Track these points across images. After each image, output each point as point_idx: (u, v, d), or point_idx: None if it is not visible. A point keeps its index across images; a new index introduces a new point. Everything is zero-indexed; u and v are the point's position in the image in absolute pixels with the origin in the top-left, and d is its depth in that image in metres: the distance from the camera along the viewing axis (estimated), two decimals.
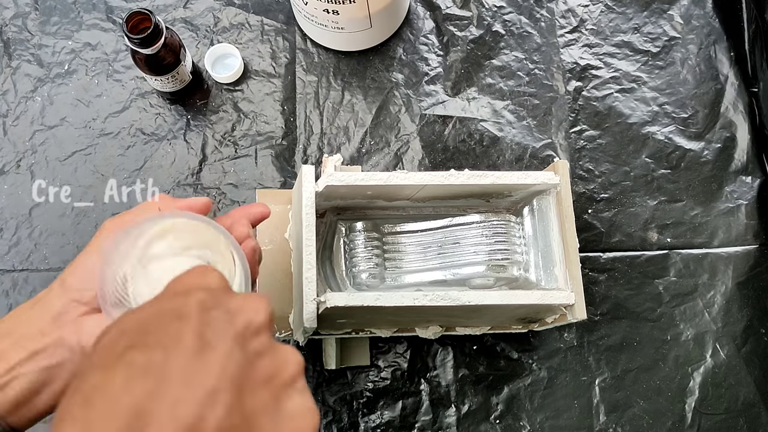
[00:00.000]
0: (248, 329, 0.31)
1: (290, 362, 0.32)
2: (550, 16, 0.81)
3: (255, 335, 0.31)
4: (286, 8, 0.79)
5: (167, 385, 0.27)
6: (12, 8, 0.77)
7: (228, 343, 0.30)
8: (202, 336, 0.29)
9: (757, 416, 0.70)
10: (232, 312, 0.31)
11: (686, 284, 0.73)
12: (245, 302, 0.33)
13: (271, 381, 0.31)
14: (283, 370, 0.32)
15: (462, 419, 0.68)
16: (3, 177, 0.72)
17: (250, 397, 0.29)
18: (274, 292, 0.64)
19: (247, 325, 0.31)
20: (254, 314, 0.32)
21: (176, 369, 0.28)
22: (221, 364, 0.29)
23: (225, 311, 0.31)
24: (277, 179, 0.73)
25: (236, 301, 0.32)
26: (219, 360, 0.29)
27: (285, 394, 0.31)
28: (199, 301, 0.31)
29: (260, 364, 0.31)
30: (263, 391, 0.30)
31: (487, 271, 0.60)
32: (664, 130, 0.77)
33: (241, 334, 0.31)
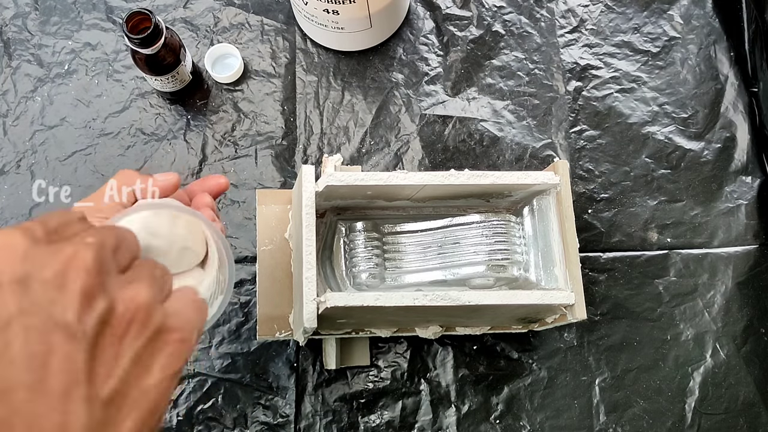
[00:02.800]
0: (82, 297, 0.28)
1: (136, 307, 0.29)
2: (550, 16, 0.81)
3: (90, 301, 0.28)
4: (286, 8, 0.79)
5: (13, 407, 0.25)
6: (12, 8, 0.77)
7: (61, 333, 0.27)
8: (31, 337, 0.26)
9: (757, 416, 0.70)
10: (56, 280, 0.27)
11: (686, 284, 0.73)
12: (67, 261, 0.28)
13: (123, 339, 0.28)
14: (132, 321, 0.29)
15: (462, 419, 0.68)
16: (3, 177, 0.72)
17: (107, 373, 0.28)
18: (274, 292, 0.64)
19: (79, 293, 0.28)
20: (79, 273, 0.28)
21: (17, 383, 0.25)
22: (62, 361, 0.26)
23: (48, 286, 0.27)
24: (277, 179, 0.73)
25: (56, 264, 0.28)
26: (59, 357, 0.26)
27: (142, 343, 0.29)
28: (12, 289, 0.27)
29: (106, 330, 0.28)
30: (120, 356, 0.28)
31: (487, 271, 0.60)
32: (664, 130, 0.77)
33: (73, 311, 0.27)
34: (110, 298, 0.29)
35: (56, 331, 0.27)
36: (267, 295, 0.64)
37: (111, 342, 0.28)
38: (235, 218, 0.72)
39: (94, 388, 0.27)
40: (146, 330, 0.29)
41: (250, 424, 0.67)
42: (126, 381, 0.28)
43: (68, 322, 0.27)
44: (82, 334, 0.27)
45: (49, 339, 0.26)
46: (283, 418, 0.67)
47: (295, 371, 0.68)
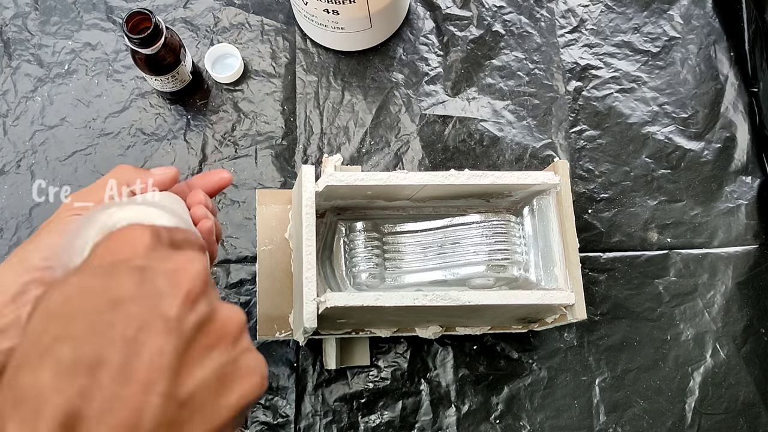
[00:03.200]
0: (186, 302, 0.29)
1: (231, 324, 0.31)
2: (550, 16, 0.81)
3: (193, 306, 0.29)
4: (286, 8, 0.79)
5: (98, 383, 0.26)
6: (12, 8, 0.77)
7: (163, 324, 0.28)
8: (135, 321, 0.27)
9: (757, 416, 0.70)
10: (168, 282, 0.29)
11: (686, 284, 0.73)
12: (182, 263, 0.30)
13: (213, 350, 0.30)
14: (225, 335, 0.30)
15: (462, 419, 0.68)
16: (3, 177, 0.72)
17: (190, 377, 0.28)
18: (274, 292, 0.64)
19: (185, 297, 0.29)
20: (192, 278, 0.30)
21: (108, 363, 0.26)
22: (155, 352, 0.27)
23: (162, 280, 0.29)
24: (277, 179, 0.73)
25: (174, 262, 0.30)
26: (153, 347, 0.27)
27: (228, 360, 0.30)
28: (130, 274, 0.29)
29: (200, 336, 0.29)
30: (204, 366, 0.29)
31: (487, 271, 0.60)
32: (664, 130, 0.77)
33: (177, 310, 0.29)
34: (212, 307, 0.31)
35: (157, 322, 0.28)
36: (267, 295, 0.64)
37: (202, 348, 0.29)
38: (235, 218, 0.72)
39: (174, 387, 0.27)
40: (235, 350, 0.31)
41: (250, 424, 0.67)
42: (205, 391, 0.29)
43: (169, 316, 0.28)
44: (179, 332, 0.28)
45: (148, 328, 0.28)
46: (283, 418, 0.67)
47: (295, 371, 0.68)
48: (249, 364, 0.31)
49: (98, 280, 0.29)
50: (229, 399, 0.30)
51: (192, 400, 0.28)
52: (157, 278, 0.29)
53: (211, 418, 0.29)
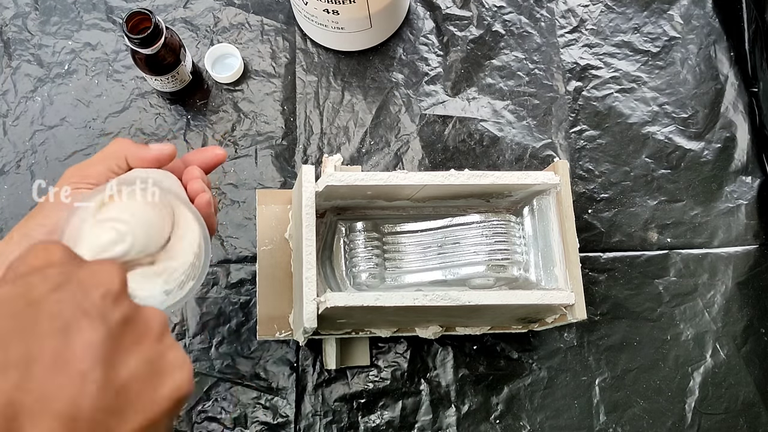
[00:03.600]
0: (106, 298, 0.30)
1: (154, 321, 0.32)
2: (550, 16, 0.81)
3: (114, 303, 0.30)
4: (286, 8, 0.79)
5: (33, 377, 0.27)
6: (12, 8, 0.77)
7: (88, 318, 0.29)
8: (59, 317, 0.28)
9: (757, 416, 0.70)
10: (85, 283, 0.30)
11: (686, 284, 0.73)
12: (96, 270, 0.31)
13: (139, 345, 0.30)
14: (149, 331, 0.31)
15: (462, 419, 0.68)
16: (3, 177, 0.72)
17: (122, 367, 0.29)
18: (274, 292, 0.64)
19: (104, 294, 0.30)
20: (109, 281, 0.31)
21: (39, 358, 0.27)
22: (85, 343, 0.28)
23: (77, 284, 0.30)
24: (277, 179, 0.73)
25: (86, 271, 0.31)
26: (82, 339, 0.28)
27: (156, 354, 0.31)
28: (46, 279, 0.30)
29: (125, 331, 0.30)
30: (134, 358, 0.30)
31: (487, 271, 0.60)
32: (664, 130, 0.77)
33: (100, 306, 0.30)
34: (133, 305, 0.32)
35: (81, 316, 0.29)
36: (267, 295, 0.64)
37: (129, 341, 0.30)
38: (235, 218, 0.72)
39: (109, 376, 0.28)
40: (161, 345, 0.32)
41: (250, 424, 0.67)
42: (139, 381, 0.30)
43: (93, 310, 0.29)
44: (105, 324, 0.29)
45: (74, 322, 0.28)
46: (283, 418, 0.67)
47: (295, 371, 0.68)
48: (177, 359, 0.32)
49: (16, 287, 0.30)
50: (163, 390, 0.30)
51: (127, 389, 0.29)
52: (74, 279, 0.30)
53: (148, 407, 0.30)
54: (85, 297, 0.30)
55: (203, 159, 0.51)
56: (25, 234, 0.42)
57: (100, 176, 0.45)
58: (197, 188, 0.47)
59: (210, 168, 0.51)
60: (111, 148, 0.46)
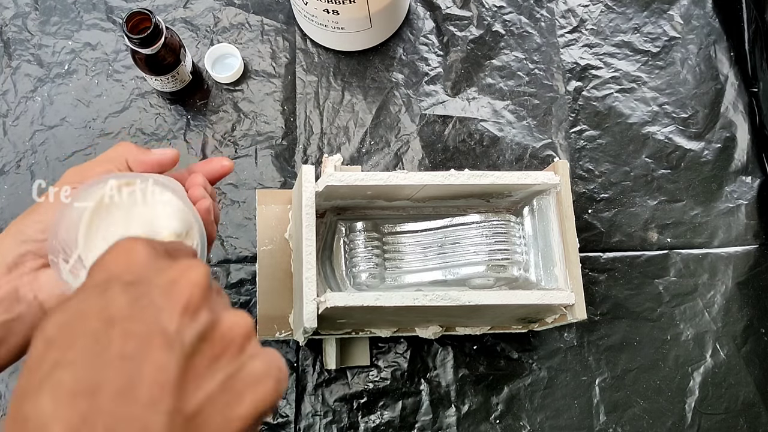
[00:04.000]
0: (186, 312, 0.28)
1: (236, 331, 0.30)
2: (550, 16, 0.81)
3: (193, 317, 0.28)
4: (286, 8, 0.79)
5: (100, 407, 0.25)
6: (12, 8, 0.77)
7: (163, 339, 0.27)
8: (133, 337, 0.27)
9: (757, 416, 0.70)
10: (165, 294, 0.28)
11: (686, 284, 0.73)
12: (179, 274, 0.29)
13: (218, 362, 0.29)
14: (230, 344, 0.29)
15: (462, 419, 0.68)
16: (3, 177, 0.72)
17: (196, 391, 0.27)
18: (274, 292, 0.64)
19: (184, 307, 0.28)
20: (190, 289, 0.29)
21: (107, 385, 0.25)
22: (157, 368, 0.26)
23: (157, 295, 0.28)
24: (277, 179, 0.73)
25: (170, 273, 0.29)
26: (154, 363, 0.26)
27: (234, 369, 0.29)
28: (125, 290, 0.28)
29: (202, 348, 0.28)
30: (209, 379, 0.28)
31: (487, 271, 0.60)
32: (664, 130, 0.77)
33: (177, 323, 0.28)
34: (215, 315, 0.29)
35: (156, 337, 0.27)
36: (267, 295, 0.64)
37: (206, 360, 0.28)
38: (235, 218, 0.72)
39: (179, 403, 0.27)
40: (243, 356, 0.30)
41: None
42: (213, 404, 0.28)
43: (169, 330, 0.27)
44: (180, 345, 0.27)
45: (147, 345, 0.27)
46: (283, 418, 0.67)
47: (295, 371, 0.68)
48: (259, 370, 0.30)
49: (93, 300, 0.28)
50: (241, 409, 0.28)
51: (200, 415, 0.27)
52: (152, 292, 0.28)
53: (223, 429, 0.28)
54: (162, 312, 0.28)
55: (209, 170, 0.50)
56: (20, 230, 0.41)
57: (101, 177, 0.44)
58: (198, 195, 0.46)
59: (215, 179, 0.50)
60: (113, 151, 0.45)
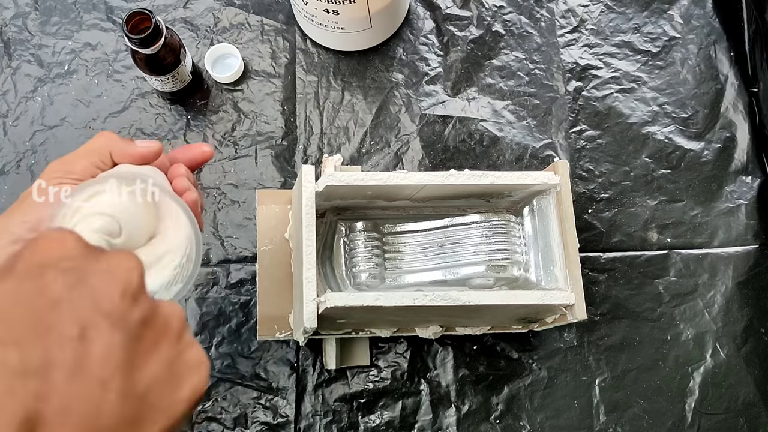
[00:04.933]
0: (125, 297, 0.29)
1: (173, 319, 0.31)
2: (550, 16, 0.81)
3: (133, 302, 0.29)
4: (286, 8, 0.79)
5: (53, 385, 0.25)
6: (12, 8, 0.77)
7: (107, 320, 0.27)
8: (78, 319, 0.27)
9: (757, 416, 0.70)
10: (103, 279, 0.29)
11: (686, 284, 0.73)
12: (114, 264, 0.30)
13: (159, 346, 0.29)
14: (168, 330, 0.30)
15: (462, 419, 0.68)
16: (3, 177, 0.72)
17: (142, 372, 0.28)
18: (274, 292, 0.64)
19: (123, 292, 0.29)
20: (127, 276, 0.29)
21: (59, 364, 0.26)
22: (105, 348, 0.27)
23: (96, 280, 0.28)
24: (277, 179, 0.73)
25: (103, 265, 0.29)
26: (102, 343, 0.27)
27: (175, 355, 0.30)
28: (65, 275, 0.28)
29: (144, 332, 0.29)
30: (153, 362, 0.29)
31: (487, 271, 0.60)
32: (664, 130, 0.77)
33: (119, 306, 0.28)
34: (152, 302, 0.30)
35: (100, 319, 0.27)
36: (267, 295, 0.64)
37: (149, 343, 0.29)
38: (235, 218, 0.72)
39: (130, 383, 0.27)
40: (180, 344, 0.31)
41: (250, 424, 0.67)
42: (159, 385, 0.29)
43: (113, 312, 0.28)
44: (125, 327, 0.28)
45: (93, 326, 0.27)
46: (283, 418, 0.67)
47: (295, 371, 0.68)
48: (195, 358, 0.31)
49: (30, 282, 0.28)
50: (183, 392, 0.30)
51: (148, 395, 0.28)
52: (90, 278, 0.29)
53: (169, 411, 0.29)
54: (103, 296, 0.28)
55: (190, 156, 0.49)
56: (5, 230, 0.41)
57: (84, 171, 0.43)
58: (182, 186, 0.45)
59: (196, 165, 0.50)
60: (96, 142, 0.44)
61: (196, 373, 0.30)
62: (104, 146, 0.44)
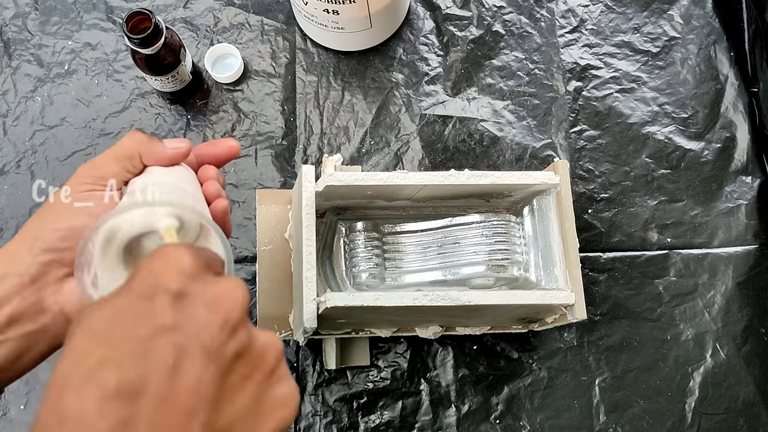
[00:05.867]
0: (225, 329, 0.29)
1: (269, 353, 0.31)
2: (550, 16, 0.81)
3: (232, 334, 0.29)
4: (286, 8, 0.79)
5: (141, 410, 0.26)
6: (12, 8, 0.77)
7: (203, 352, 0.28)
8: (176, 347, 0.27)
9: (757, 416, 0.70)
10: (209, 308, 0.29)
11: (686, 284, 0.73)
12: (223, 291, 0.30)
13: (250, 380, 0.30)
14: (262, 364, 0.30)
15: (462, 419, 0.68)
16: (3, 177, 0.72)
17: (228, 406, 0.28)
18: (274, 292, 0.64)
19: (223, 324, 0.29)
20: (231, 307, 0.30)
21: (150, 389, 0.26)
22: (196, 380, 0.27)
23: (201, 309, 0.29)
24: (277, 179, 0.73)
25: (213, 290, 0.30)
26: (194, 375, 0.27)
27: (265, 388, 0.30)
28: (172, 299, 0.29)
29: (238, 365, 0.29)
30: (241, 397, 0.29)
31: (487, 271, 0.60)
32: (664, 130, 0.77)
33: (217, 338, 0.29)
34: (251, 335, 0.30)
35: (197, 350, 0.28)
36: (267, 295, 0.64)
37: (240, 377, 0.29)
38: (235, 218, 0.72)
39: (214, 416, 0.27)
40: (273, 377, 0.31)
41: None
42: (242, 420, 0.29)
43: (210, 344, 0.28)
44: (218, 360, 0.28)
45: (188, 356, 0.27)
46: None
47: (295, 371, 0.68)
48: (284, 394, 0.31)
49: (140, 304, 0.29)
50: (266, 426, 0.30)
51: (232, 427, 0.28)
52: (197, 304, 0.29)
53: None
54: (205, 326, 0.29)
55: (216, 153, 0.48)
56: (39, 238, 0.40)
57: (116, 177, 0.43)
58: (214, 192, 0.45)
59: (223, 162, 0.49)
60: (125, 144, 0.43)
61: (284, 409, 0.30)
62: (133, 148, 0.43)
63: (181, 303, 0.29)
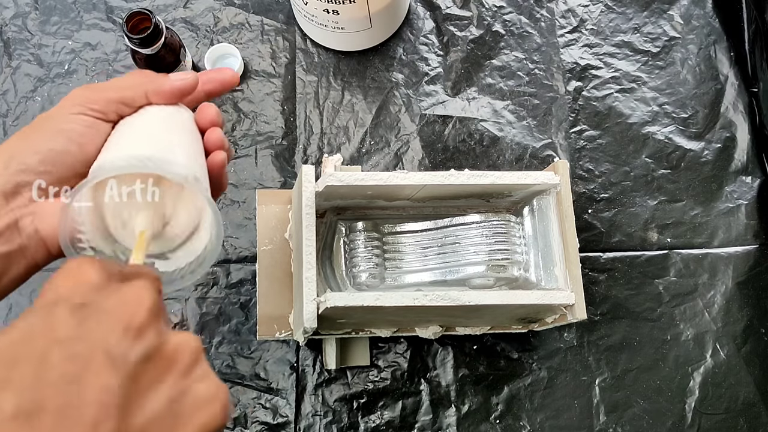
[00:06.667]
0: (129, 333, 0.28)
1: (183, 352, 0.30)
2: (550, 16, 0.81)
3: (137, 338, 0.28)
4: (286, 8, 0.79)
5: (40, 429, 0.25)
6: (12, 8, 0.77)
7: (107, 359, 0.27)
8: (77, 359, 0.26)
9: (757, 416, 0.70)
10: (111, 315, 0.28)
11: (686, 284, 0.73)
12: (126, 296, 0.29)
13: (162, 383, 0.28)
14: (175, 364, 0.29)
15: (462, 419, 0.68)
16: None
17: (140, 410, 0.27)
18: (274, 292, 0.64)
19: (126, 328, 0.28)
20: (135, 309, 0.29)
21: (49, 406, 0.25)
22: (100, 388, 0.26)
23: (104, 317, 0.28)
24: (277, 179, 0.73)
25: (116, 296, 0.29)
26: (98, 384, 0.26)
27: (180, 391, 0.29)
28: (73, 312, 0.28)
29: (147, 369, 0.28)
30: (153, 400, 0.28)
31: (487, 271, 0.60)
32: (664, 130, 0.77)
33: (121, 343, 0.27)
34: (160, 336, 0.29)
35: (99, 358, 0.27)
36: (267, 295, 0.64)
37: (150, 381, 0.28)
38: (235, 218, 0.72)
39: (123, 424, 0.26)
40: (188, 379, 0.29)
41: (250, 424, 0.67)
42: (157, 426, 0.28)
43: (112, 350, 0.27)
44: (123, 365, 0.27)
45: (89, 365, 0.26)
46: (283, 418, 0.67)
47: (295, 371, 0.68)
48: (206, 393, 0.30)
49: (39, 321, 0.28)
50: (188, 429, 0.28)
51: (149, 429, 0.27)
52: (99, 314, 0.28)
53: None
54: (108, 333, 0.28)
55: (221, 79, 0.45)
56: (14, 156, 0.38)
57: (108, 105, 0.40)
58: (216, 141, 0.43)
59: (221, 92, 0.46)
60: (130, 79, 0.41)
61: (208, 408, 0.29)
62: (138, 85, 0.41)
63: (82, 313, 0.28)
